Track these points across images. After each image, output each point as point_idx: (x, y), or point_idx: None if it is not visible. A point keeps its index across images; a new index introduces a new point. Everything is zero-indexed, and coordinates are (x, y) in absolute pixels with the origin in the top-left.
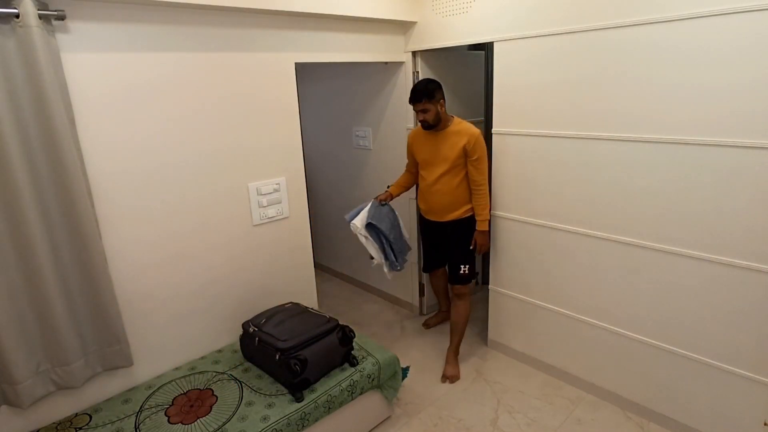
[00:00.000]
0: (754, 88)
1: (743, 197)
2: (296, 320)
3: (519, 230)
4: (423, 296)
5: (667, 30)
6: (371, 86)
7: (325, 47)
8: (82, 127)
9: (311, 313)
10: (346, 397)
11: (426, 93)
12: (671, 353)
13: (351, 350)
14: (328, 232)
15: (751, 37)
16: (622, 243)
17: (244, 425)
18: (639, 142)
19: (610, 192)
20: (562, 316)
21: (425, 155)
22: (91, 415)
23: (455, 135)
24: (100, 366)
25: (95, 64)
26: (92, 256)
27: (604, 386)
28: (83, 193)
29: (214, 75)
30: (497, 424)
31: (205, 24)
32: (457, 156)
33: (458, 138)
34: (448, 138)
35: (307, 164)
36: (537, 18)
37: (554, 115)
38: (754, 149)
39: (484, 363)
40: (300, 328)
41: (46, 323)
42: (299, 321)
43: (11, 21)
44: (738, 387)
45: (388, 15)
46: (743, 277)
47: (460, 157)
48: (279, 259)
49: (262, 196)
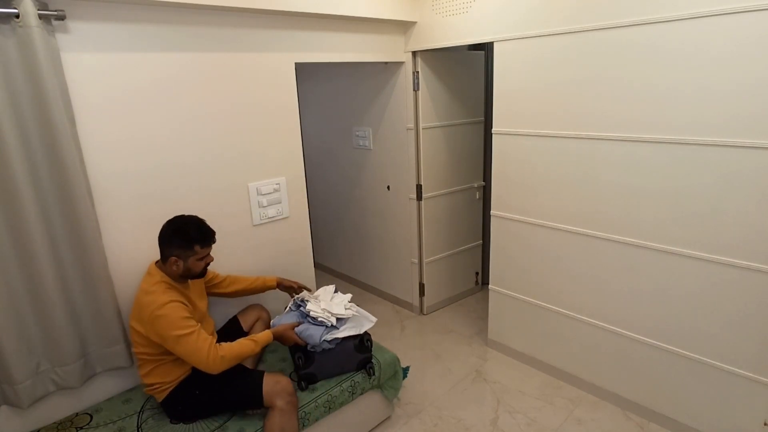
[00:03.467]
0: (754, 88)
1: (743, 197)
2: None
3: (519, 230)
4: (423, 296)
5: (667, 30)
6: (371, 86)
7: (325, 47)
8: (82, 127)
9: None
10: (347, 397)
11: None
12: (671, 353)
13: (369, 359)
14: (328, 232)
15: (752, 37)
16: (622, 243)
17: (244, 423)
18: (639, 142)
19: (610, 192)
20: (562, 316)
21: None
22: (92, 414)
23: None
24: (100, 366)
25: (95, 64)
26: (92, 256)
27: (604, 386)
28: (83, 193)
29: (214, 75)
30: (497, 424)
31: (205, 24)
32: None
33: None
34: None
35: (307, 164)
36: (537, 18)
37: (554, 115)
38: (754, 149)
39: (484, 363)
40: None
41: (46, 323)
42: None
43: (11, 21)
44: (738, 387)
45: (388, 15)
46: (743, 277)
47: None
48: (279, 259)
49: (262, 196)
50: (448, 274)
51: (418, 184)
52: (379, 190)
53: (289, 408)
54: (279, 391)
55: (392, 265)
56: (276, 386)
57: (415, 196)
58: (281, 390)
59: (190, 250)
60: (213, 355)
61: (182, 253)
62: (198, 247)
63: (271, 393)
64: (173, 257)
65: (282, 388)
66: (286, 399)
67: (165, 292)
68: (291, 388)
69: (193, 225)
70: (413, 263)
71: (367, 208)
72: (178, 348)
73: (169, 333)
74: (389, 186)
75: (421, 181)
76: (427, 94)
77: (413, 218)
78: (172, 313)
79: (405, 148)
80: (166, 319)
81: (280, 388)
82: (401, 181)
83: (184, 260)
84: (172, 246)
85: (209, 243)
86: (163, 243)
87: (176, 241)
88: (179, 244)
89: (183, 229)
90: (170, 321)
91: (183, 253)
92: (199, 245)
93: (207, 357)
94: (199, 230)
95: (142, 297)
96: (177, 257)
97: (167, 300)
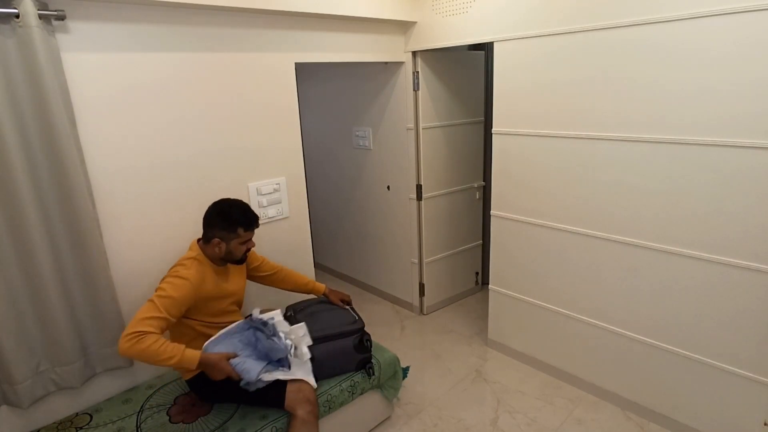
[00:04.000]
0: (754, 88)
1: (743, 197)
2: (326, 315)
3: (519, 230)
4: (423, 296)
5: (667, 30)
6: (371, 86)
7: (325, 47)
8: (82, 127)
9: (347, 311)
10: (347, 397)
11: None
12: (671, 353)
13: (369, 359)
14: (328, 232)
15: (752, 37)
16: (622, 243)
17: (244, 423)
18: (639, 142)
19: (609, 192)
20: (562, 316)
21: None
22: (92, 414)
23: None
24: (100, 366)
25: (95, 64)
26: (93, 256)
27: (604, 386)
28: (84, 193)
29: (214, 75)
30: (497, 424)
31: (205, 24)
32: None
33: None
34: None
35: (307, 164)
36: (537, 18)
37: (554, 115)
38: (754, 149)
39: (484, 363)
40: (323, 324)
41: (46, 323)
42: (329, 316)
43: (11, 21)
44: (738, 387)
45: (388, 15)
46: (743, 277)
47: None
48: (279, 259)
49: (263, 196)
50: (448, 274)
51: (418, 184)
52: (379, 190)
53: (310, 418)
54: (301, 400)
55: (392, 265)
56: (299, 394)
57: (415, 196)
58: (303, 399)
59: (233, 233)
60: (134, 340)
61: (225, 235)
62: (241, 230)
63: (293, 400)
64: (216, 239)
65: (304, 396)
66: (307, 408)
67: (190, 268)
68: (313, 397)
69: (238, 208)
70: (413, 263)
71: (367, 208)
72: (144, 305)
73: (155, 291)
74: (389, 186)
75: (421, 181)
76: (427, 94)
77: (413, 218)
78: (172, 287)
79: (405, 148)
80: (166, 284)
81: (303, 397)
82: (401, 181)
83: (227, 242)
84: (216, 227)
85: (252, 227)
86: (207, 224)
87: (220, 223)
88: (223, 226)
89: (227, 212)
90: (164, 288)
91: (226, 235)
92: (243, 228)
93: (127, 333)
94: (243, 213)
95: (174, 267)
96: (220, 239)
97: (186, 276)
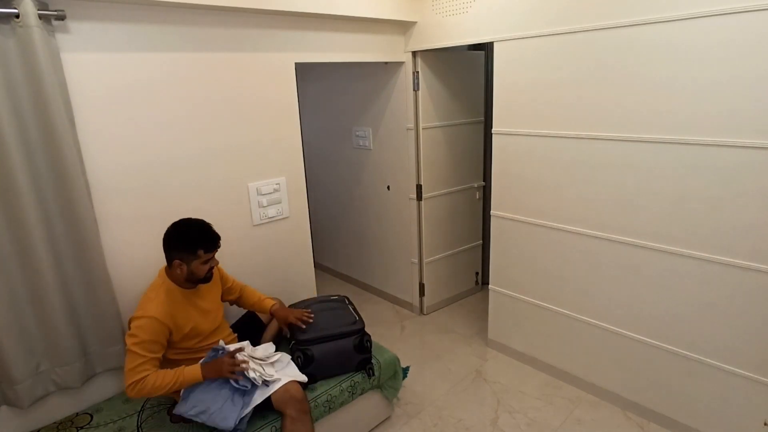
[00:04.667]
0: (755, 88)
1: (743, 197)
2: (329, 314)
3: (519, 230)
4: (423, 296)
5: (667, 30)
6: (371, 86)
7: (325, 47)
8: (82, 127)
9: (348, 311)
10: (347, 397)
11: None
12: (671, 353)
13: (369, 359)
14: (328, 232)
15: (752, 37)
16: (621, 243)
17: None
18: (639, 142)
19: (609, 192)
20: (562, 316)
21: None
22: (92, 414)
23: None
24: (100, 366)
25: (95, 64)
26: (92, 255)
27: (604, 386)
28: (83, 193)
29: (215, 75)
30: (497, 424)
31: (206, 24)
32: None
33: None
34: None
35: (307, 164)
36: (537, 18)
37: (554, 115)
38: (754, 149)
39: (484, 363)
40: (325, 323)
41: (45, 323)
42: (331, 316)
43: (11, 21)
44: (738, 387)
45: (388, 15)
46: (743, 277)
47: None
48: (279, 259)
49: (262, 196)
50: (448, 274)
51: (418, 184)
52: (379, 190)
53: (299, 415)
54: (287, 400)
55: (392, 265)
56: (284, 395)
57: (415, 196)
58: (290, 399)
59: (193, 254)
60: (134, 386)
61: (185, 257)
62: (201, 252)
63: (280, 401)
64: (177, 260)
65: (290, 396)
66: (296, 407)
67: (160, 301)
68: (300, 395)
69: (197, 228)
70: (413, 263)
71: (367, 208)
72: (126, 355)
73: (128, 341)
74: (389, 186)
75: (421, 181)
76: (427, 94)
77: (413, 218)
78: (143, 332)
79: (405, 148)
80: (136, 329)
81: (289, 397)
82: (401, 181)
83: (187, 264)
84: (176, 249)
85: (213, 248)
86: (166, 246)
87: (180, 245)
88: (182, 248)
89: (186, 233)
90: (137, 334)
91: (186, 257)
92: (203, 249)
93: (130, 384)
94: (202, 234)
95: (145, 294)
96: (180, 260)
97: (152, 314)
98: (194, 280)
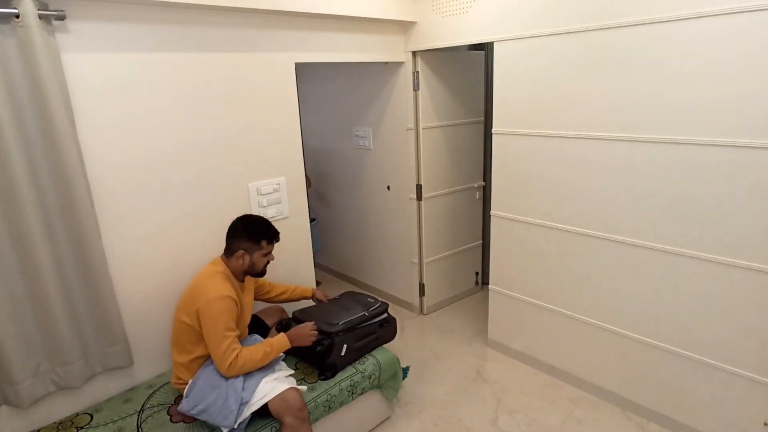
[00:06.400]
0: (755, 88)
1: (743, 197)
2: (347, 305)
3: (519, 230)
4: (423, 296)
5: (668, 30)
6: (371, 86)
7: (325, 47)
8: (82, 127)
9: (360, 298)
10: (346, 397)
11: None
12: (672, 353)
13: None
14: (328, 232)
15: (752, 37)
16: (622, 243)
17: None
18: (639, 141)
19: (609, 192)
20: (562, 316)
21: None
22: (92, 414)
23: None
24: (100, 366)
25: (95, 64)
26: (92, 255)
27: (604, 386)
28: (83, 193)
29: (214, 75)
30: (497, 424)
31: (206, 24)
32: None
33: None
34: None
35: (307, 164)
36: (537, 18)
37: (554, 115)
38: (754, 149)
39: (484, 363)
40: (347, 314)
41: (46, 323)
42: (349, 305)
43: (11, 21)
44: (738, 387)
45: (388, 15)
46: (743, 277)
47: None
48: (279, 259)
49: (262, 196)
50: (448, 274)
51: (418, 184)
52: (379, 190)
53: (297, 423)
54: (285, 409)
55: (392, 265)
56: (282, 404)
57: (415, 196)
58: (287, 407)
59: (256, 245)
60: (232, 366)
61: (249, 247)
62: (264, 243)
63: (278, 410)
64: (241, 250)
65: (288, 405)
66: (294, 415)
67: (224, 282)
68: (298, 404)
69: (261, 222)
70: (413, 263)
71: (367, 208)
72: (210, 340)
73: (211, 326)
74: (389, 186)
75: (421, 181)
76: (427, 94)
77: (413, 218)
78: (224, 312)
79: (405, 148)
80: (217, 312)
81: (286, 406)
82: (401, 181)
83: (250, 254)
84: (241, 239)
85: (274, 240)
86: (232, 236)
87: (245, 235)
88: (247, 238)
89: (252, 225)
90: (218, 316)
91: (250, 247)
92: (266, 241)
93: (227, 365)
94: (267, 227)
95: (201, 281)
96: (244, 251)
97: (226, 293)
98: (253, 272)
